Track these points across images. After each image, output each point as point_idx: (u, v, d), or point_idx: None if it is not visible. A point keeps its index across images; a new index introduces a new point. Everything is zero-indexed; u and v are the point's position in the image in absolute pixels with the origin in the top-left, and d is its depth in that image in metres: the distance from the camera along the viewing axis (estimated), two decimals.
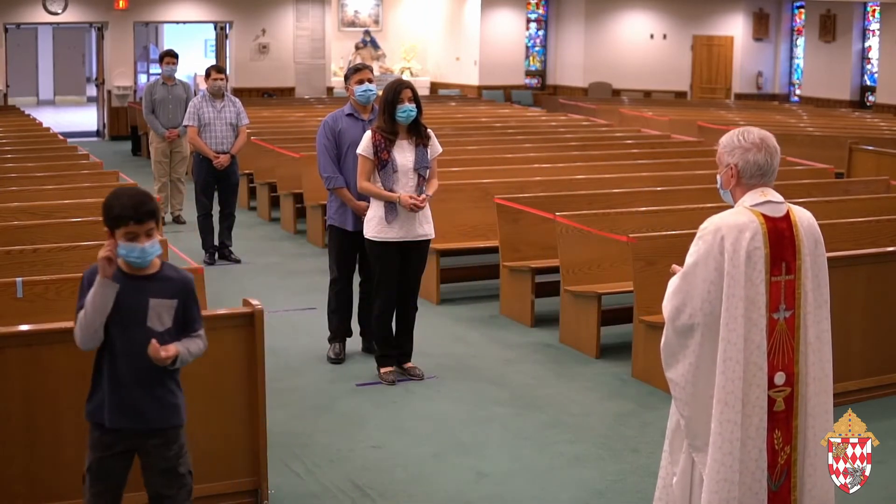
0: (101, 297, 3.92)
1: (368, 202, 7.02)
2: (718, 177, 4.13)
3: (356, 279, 7.61)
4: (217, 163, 10.32)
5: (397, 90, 6.73)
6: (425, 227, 6.89)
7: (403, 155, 6.78)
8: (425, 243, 6.99)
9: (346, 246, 7.42)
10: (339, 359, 7.42)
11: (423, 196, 6.79)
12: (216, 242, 10.54)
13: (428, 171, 6.87)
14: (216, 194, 10.57)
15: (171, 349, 3.98)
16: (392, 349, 7.08)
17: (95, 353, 4.10)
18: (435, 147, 6.93)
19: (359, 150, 6.82)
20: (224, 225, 10.57)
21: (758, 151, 3.99)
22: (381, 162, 6.74)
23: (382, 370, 7.05)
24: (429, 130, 6.92)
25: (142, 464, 4.17)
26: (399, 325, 7.11)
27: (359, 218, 7.20)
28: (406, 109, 6.72)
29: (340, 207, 7.34)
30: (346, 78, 7.47)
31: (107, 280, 3.91)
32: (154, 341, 3.94)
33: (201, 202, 10.52)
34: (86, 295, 3.98)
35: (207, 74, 10.62)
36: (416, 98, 6.79)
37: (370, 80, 7.35)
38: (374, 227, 6.83)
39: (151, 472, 4.14)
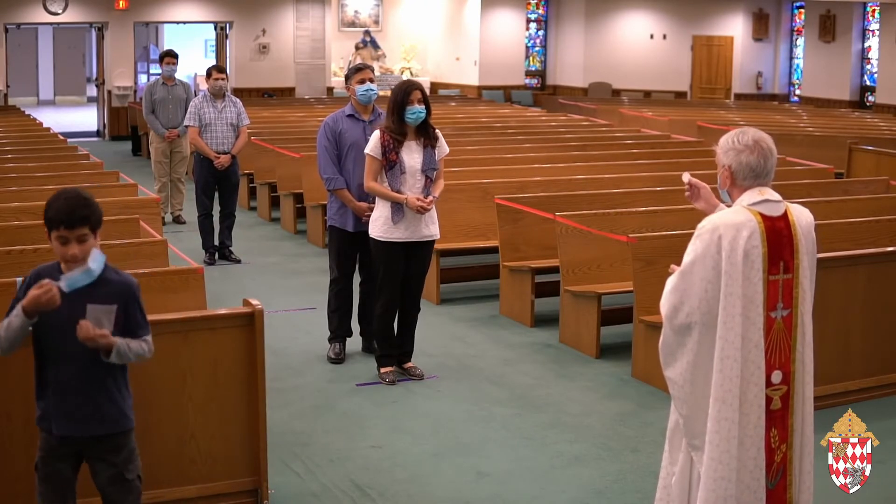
0: (15, 331, 3.88)
1: (369, 201, 7.03)
2: (718, 176, 4.15)
3: (356, 279, 7.61)
4: (218, 163, 10.32)
5: (407, 91, 6.71)
6: (431, 228, 6.89)
7: (411, 156, 6.76)
8: (430, 244, 7.00)
9: (347, 246, 7.41)
10: (339, 359, 7.43)
11: (430, 198, 6.78)
12: (216, 242, 10.55)
13: (435, 172, 6.86)
14: (216, 194, 10.58)
15: (106, 332, 3.85)
16: (393, 349, 7.08)
17: (35, 359, 4.04)
18: (442, 148, 6.93)
19: (367, 150, 6.81)
20: (224, 225, 10.57)
21: (750, 153, 4.00)
22: (390, 163, 6.72)
23: (382, 370, 7.05)
24: (437, 131, 6.91)
25: (90, 470, 4.11)
26: (401, 325, 7.11)
27: (359, 218, 7.21)
28: (415, 111, 6.70)
29: (341, 208, 7.34)
30: (347, 78, 7.45)
31: (27, 319, 3.83)
32: (82, 321, 3.82)
33: (202, 202, 10.53)
34: (20, 298, 3.89)
35: (209, 74, 10.63)
36: (425, 100, 6.76)
37: (371, 80, 7.35)
38: (380, 226, 6.82)
39: (100, 479, 4.09)
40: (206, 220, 10.52)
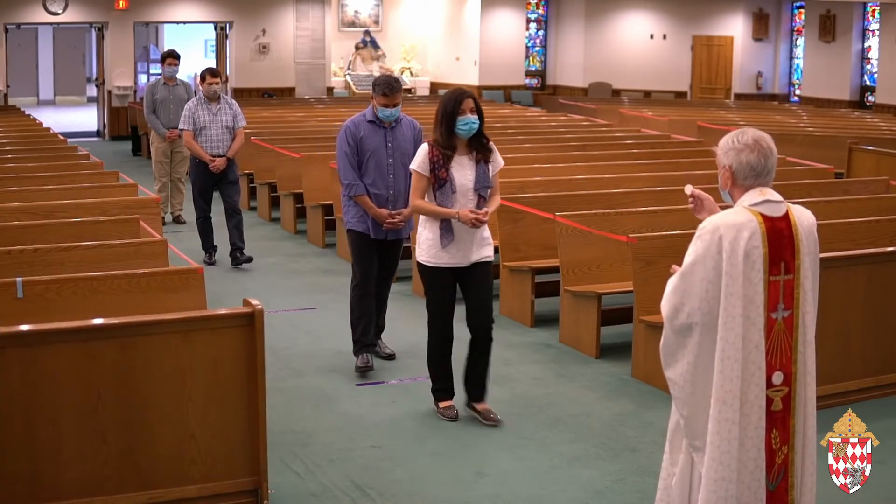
0: None
1: (388, 207, 6.95)
2: (719, 177, 4.15)
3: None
4: (213, 166, 10.23)
5: (458, 100, 6.07)
6: (483, 251, 6.22)
7: (463, 173, 6.14)
8: (484, 265, 6.28)
9: (368, 249, 7.19)
10: (368, 367, 7.14)
11: (485, 210, 6.13)
12: (216, 243, 10.51)
13: (489, 190, 6.24)
14: (219, 195, 10.49)
15: None
16: (450, 381, 6.44)
17: None
18: (497, 162, 6.30)
19: (413, 166, 6.21)
20: (232, 224, 10.30)
21: (750, 153, 4.00)
22: (439, 181, 6.10)
23: (441, 405, 6.43)
24: (491, 143, 6.31)
25: None
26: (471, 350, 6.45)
27: (379, 225, 7.08)
28: (468, 121, 6.09)
29: (360, 212, 7.16)
30: (375, 86, 7.08)
31: None
32: None
33: (199, 205, 10.45)
34: None
35: (202, 78, 10.48)
36: (478, 109, 6.15)
37: (395, 105, 7.01)
38: (428, 250, 6.21)
39: None
40: (205, 223, 10.48)
